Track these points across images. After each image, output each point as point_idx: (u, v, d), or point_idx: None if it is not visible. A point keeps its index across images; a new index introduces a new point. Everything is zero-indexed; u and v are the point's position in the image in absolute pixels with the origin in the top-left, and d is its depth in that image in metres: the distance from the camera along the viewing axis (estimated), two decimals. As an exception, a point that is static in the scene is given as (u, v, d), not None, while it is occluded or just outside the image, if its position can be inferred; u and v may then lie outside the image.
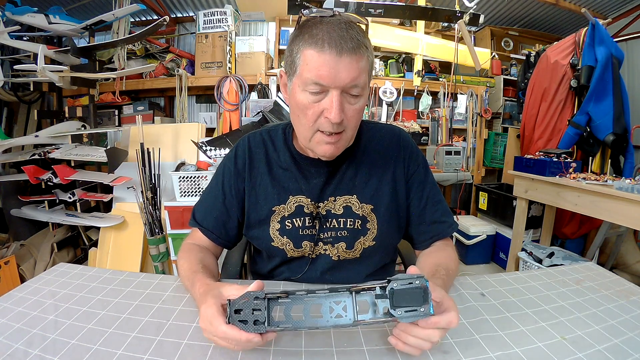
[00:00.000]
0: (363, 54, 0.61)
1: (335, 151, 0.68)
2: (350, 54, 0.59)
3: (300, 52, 0.62)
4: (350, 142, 0.71)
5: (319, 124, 0.64)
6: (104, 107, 3.02)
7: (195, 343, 0.53)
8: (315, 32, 0.60)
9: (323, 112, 0.62)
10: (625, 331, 0.57)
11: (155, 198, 1.94)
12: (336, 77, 0.59)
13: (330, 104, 0.61)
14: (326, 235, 0.76)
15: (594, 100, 2.24)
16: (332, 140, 0.66)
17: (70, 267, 0.78)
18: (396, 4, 2.90)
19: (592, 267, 0.84)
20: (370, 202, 0.76)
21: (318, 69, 0.59)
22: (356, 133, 0.78)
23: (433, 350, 0.52)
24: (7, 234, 2.47)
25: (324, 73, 0.59)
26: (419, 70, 3.01)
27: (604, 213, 1.69)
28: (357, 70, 0.60)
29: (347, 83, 0.60)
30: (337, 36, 0.59)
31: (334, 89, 0.60)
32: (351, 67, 0.59)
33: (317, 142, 0.67)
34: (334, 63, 0.59)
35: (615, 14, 3.29)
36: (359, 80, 0.61)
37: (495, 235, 2.64)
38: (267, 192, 0.77)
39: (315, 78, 0.60)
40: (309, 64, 0.60)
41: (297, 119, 0.67)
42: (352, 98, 0.63)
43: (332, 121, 0.61)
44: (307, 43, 0.61)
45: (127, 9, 2.27)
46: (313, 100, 0.62)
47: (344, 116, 0.63)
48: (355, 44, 0.59)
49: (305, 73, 0.61)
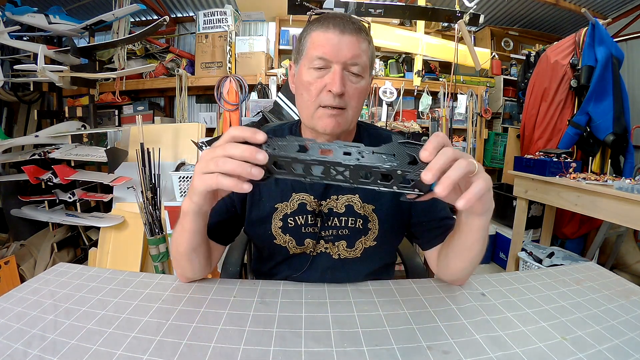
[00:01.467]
0: (364, 38, 0.68)
1: (336, 126, 0.69)
2: (352, 33, 0.66)
3: (309, 36, 0.69)
4: (351, 127, 0.73)
5: (321, 98, 0.68)
6: (104, 107, 3.02)
7: (195, 343, 0.53)
8: (322, 18, 0.69)
9: (325, 86, 0.67)
10: (626, 331, 0.57)
11: (155, 198, 1.94)
12: (339, 52, 0.65)
13: (332, 77, 0.66)
14: (327, 233, 0.76)
15: (594, 100, 2.24)
16: (334, 113, 0.68)
17: (70, 267, 0.78)
18: (396, 4, 2.90)
19: (592, 267, 0.84)
20: (371, 202, 0.76)
21: (323, 45, 0.66)
22: (355, 133, 0.79)
23: (433, 350, 0.52)
24: (7, 234, 2.47)
25: (328, 49, 0.66)
26: (419, 70, 3.01)
27: (604, 213, 1.69)
28: (358, 49, 0.67)
29: (348, 58, 0.66)
30: (341, 21, 0.67)
31: (336, 64, 0.66)
32: (352, 45, 0.66)
33: (320, 116, 0.69)
34: (337, 40, 0.66)
35: (615, 14, 3.29)
36: (360, 59, 0.67)
37: (495, 235, 2.64)
38: (270, 189, 0.77)
39: (320, 53, 0.66)
40: (314, 43, 0.67)
41: (301, 97, 0.71)
42: (353, 76, 0.68)
43: (334, 91, 0.65)
44: (314, 27, 0.69)
45: (127, 9, 2.27)
46: (317, 76, 0.67)
47: (345, 92, 0.67)
48: (357, 27, 0.67)
49: (311, 51, 0.68)
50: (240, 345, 0.53)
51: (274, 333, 0.56)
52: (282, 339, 0.55)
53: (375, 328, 0.57)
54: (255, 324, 0.58)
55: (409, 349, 0.52)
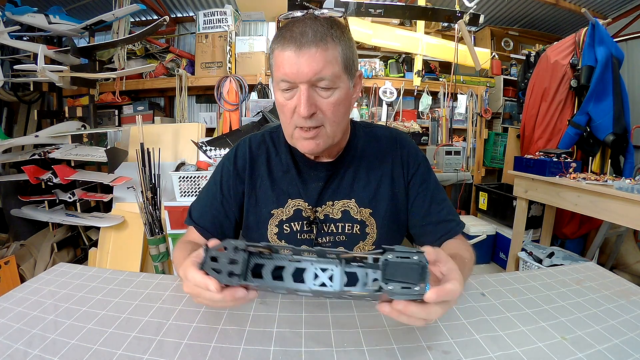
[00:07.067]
0: (327, 44, 0.60)
1: (315, 147, 0.67)
2: (310, 46, 0.59)
3: (272, 54, 0.65)
4: (335, 140, 0.69)
5: (294, 120, 0.65)
6: (104, 107, 3.02)
7: (195, 343, 0.53)
8: (281, 32, 0.63)
9: (296, 108, 0.63)
10: (626, 331, 0.57)
11: (155, 198, 1.94)
12: (298, 71, 0.60)
13: (299, 99, 0.62)
14: (325, 240, 0.75)
15: (594, 100, 2.23)
16: (309, 136, 0.66)
17: (70, 267, 0.78)
18: (396, 4, 2.90)
19: (592, 267, 0.84)
20: (368, 206, 0.75)
21: (283, 66, 0.61)
22: (351, 135, 0.77)
23: (433, 350, 0.52)
24: (7, 234, 2.47)
25: (288, 69, 0.61)
26: (419, 70, 3.01)
27: (604, 213, 1.69)
28: (321, 62, 0.60)
29: (311, 76, 0.60)
30: (298, 32, 0.60)
31: (301, 84, 0.61)
32: (312, 60, 0.60)
33: (297, 138, 0.68)
34: (295, 58, 0.60)
35: (615, 14, 3.30)
36: (325, 73, 0.61)
37: (495, 235, 2.64)
38: (266, 195, 0.76)
39: (282, 75, 0.62)
40: (276, 63, 0.63)
41: (280, 118, 0.69)
42: (322, 91, 0.63)
43: (302, 115, 0.62)
44: (275, 44, 0.64)
45: (127, 9, 2.27)
46: (286, 98, 0.64)
47: (318, 109, 0.63)
48: (316, 37, 0.60)
49: (276, 72, 0.64)
50: (240, 345, 0.53)
51: (274, 333, 0.56)
52: (282, 339, 0.55)
53: (375, 328, 0.57)
54: (255, 324, 0.58)
55: (409, 349, 0.52)
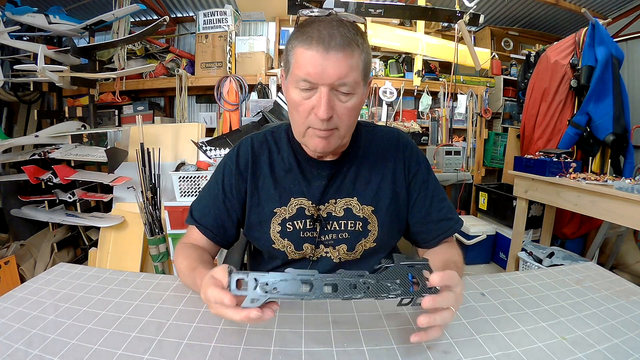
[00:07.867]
0: (353, 50, 0.61)
1: (326, 146, 0.67)
2: (338, 50, 0.59)
3: (293, 50, 0.63)
4: (344, 142, 0.70)
5: (309, 120, 0.65)
6: (104, 107, 3.02)
7: (195, 343, 0.53)
8: (306, 30, 0.61)
9: (313, 108, 0.63)
10: (626, 331, 0.57)
11: (155, 198, 1.94)
12: (323, 73, 0.60)
13: (318, 100, 0.62)
14: (327, 238, 0.76)
15: (594, 100, 2.23)
16: (324, 135, 0.66)
17: (70, 267, 0.78)
18: (396, 4, 2.90)
19: (592, 267, 0.84)
20: (370, 204, 0.76)
21: (306, 65, 0.60)
22: (354, 134, 0.77)
23: (433, 350, 0.52)
24: (7, 234, 2.47)
25: (311, 70, 0.60)
26: (419, 70, 3.01)
27: (604, 213, 1.69)
28: (346, 68, 0.60)
29: (334, 80, 0.60)
30: (326, 33, 0.59)
31: (323, 86, 0.61)
32: (338, 64, 0.60)
33: (310, 136, 0.67)
34: (321, 60, 0.59)
35: (615, 14, 3.30)
36: (348, 78, 0.61)
37: (495, 235, 2.64)
38: (269, 193, 0.76)
39: (304, 75, 0.61)
40: (298, 61, 0.62)
41: (291, 115, 0.69)
42: (342, 96, 0.63)
43: (320, 117, 0.62)
44: (298, 41, 0.62)
45: (127, 9, 2.27)
46: (304, 97, 0.63)
47: (335, 113, 0.63)
48: (344, 41, 0.59)
49: (296, 70, 0.62)
50: (240, 345, 0.53)
51: (274, 333, 0.56)
52: (282, 339, 0.55)
53: (375, 328, 0.57)
54: (255, 324, 0.58)
55: (409, 349, 0.52)
